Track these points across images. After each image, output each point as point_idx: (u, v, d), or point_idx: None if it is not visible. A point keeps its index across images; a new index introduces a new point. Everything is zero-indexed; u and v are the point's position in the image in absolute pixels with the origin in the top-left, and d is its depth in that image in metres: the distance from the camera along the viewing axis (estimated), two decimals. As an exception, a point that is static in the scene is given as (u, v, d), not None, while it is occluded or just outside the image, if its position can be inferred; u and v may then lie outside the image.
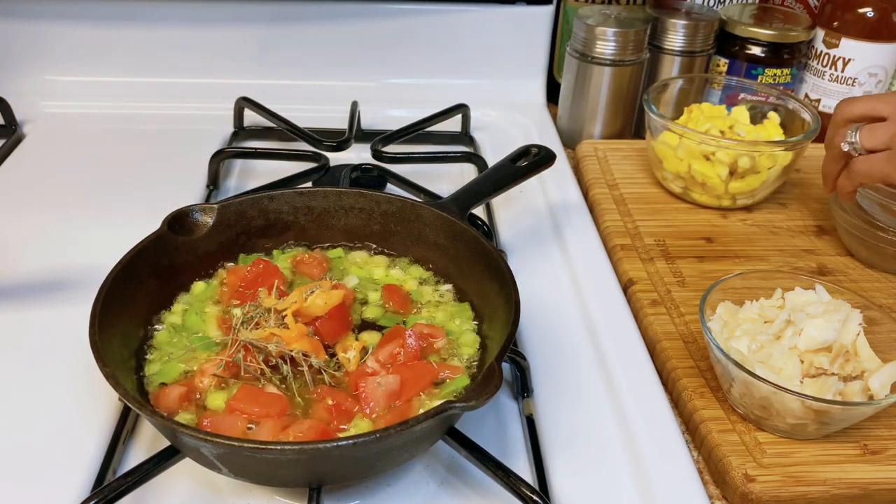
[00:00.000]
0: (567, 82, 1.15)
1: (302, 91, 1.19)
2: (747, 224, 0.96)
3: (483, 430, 0.66)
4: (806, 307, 0.69)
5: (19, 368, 0.70)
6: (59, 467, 0.61)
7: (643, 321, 0.79)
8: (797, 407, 0.62)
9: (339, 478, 0.59)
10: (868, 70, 1.11)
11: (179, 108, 1.16)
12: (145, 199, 0.92)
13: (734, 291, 0.73)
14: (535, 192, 0.99)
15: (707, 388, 0.70)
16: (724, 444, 0.65)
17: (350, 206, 0.79)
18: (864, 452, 0.65)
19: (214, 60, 1.19)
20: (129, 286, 0.66)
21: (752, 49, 1.13)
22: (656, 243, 0.91)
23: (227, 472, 0.55)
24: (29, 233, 0.88)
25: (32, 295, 0.79)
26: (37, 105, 1.14)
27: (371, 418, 0.60)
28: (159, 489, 0.60)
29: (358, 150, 1.06)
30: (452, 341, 0.68)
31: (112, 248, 0.68)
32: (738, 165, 0.93)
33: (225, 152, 1.00)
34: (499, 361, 0.57)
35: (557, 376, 0.72)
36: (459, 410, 0.53)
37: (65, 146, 1.07)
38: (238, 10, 1.17)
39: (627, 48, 1.08)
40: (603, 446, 0.65)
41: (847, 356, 0.65)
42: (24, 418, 0.65)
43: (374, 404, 0.60)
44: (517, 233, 0.92)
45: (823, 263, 0.89)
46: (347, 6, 1.17)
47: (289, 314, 0.65)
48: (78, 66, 1.18)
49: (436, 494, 0.61)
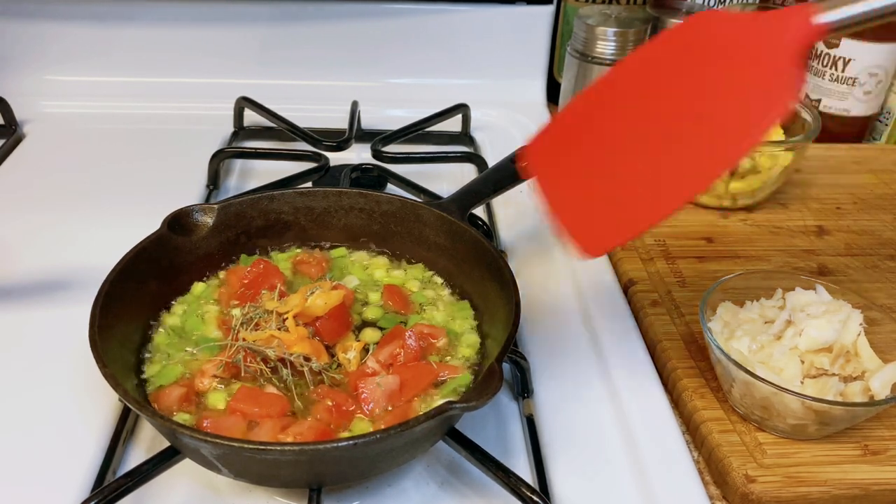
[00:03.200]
0: (567, 82, 1.15)
1: (302, 91, 1.19)
2: (748, 224, 0.96)
3: (483, 431, 0.66)
4: (806, 307, 0.69)
5: (19, 368, 0.70)
6: (59, 467, 0.61)
7: (643, 321, 0.79)
8: (798, 407, 0.61)
9: (340, 478, 0.59)
10: (868, 70, 1.11)
11: (179, 108, 1.16)
12: (145, 199, 0.92)
13: (735, 291, 0.73)
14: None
15: (707, 388, 0.70)
16: (724, 445, 0.65)
17: (350, 206, 0.79)
18: (865, 453, 0.65)
19: (214, 60, 1.19)
20: (129, 286, 0.66)
21: (753, 49, 1.12)
22: (657, 243, 0.90)
23: (227, 472, 0.55)
24: (29, 233, 0.88)
25: (32, 295, 0.79)
26: (37, 105, 1.14)
27: (371, 418, 0.60)
28: (159, 489, 0.60)
29: (358, 150, 1.06)
30: (453, 340, 0.68)
31: (112, 248, 0.68)
32: (739, 165, 0.93)
33: (225, 152, 1.00)
34: (499, 362, 0.57)
35: (558, 376, 0.72)
36: (460, 411, 0.53)
37: (65, 146, 1.07)
38: (238, 9, 1.17)
39: (627, 48, 1.08)
40: (603, 446, 0.65)
41: (848, 357, 0.65)
42: (24, 418, 0.65)
43: (373, 405, 0.60)
44: (517, 233, 0.92)
45: (824, 263, 0.89)
46: (347, 6, 1.17)
47: (290, 317, 0.65)
48: (78, 65, 1.18)
49: (436, 495, 0.61)
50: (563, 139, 0.64)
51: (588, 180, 0.60)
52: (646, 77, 0.59)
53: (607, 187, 0.59)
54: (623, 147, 0.59)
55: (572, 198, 0.61)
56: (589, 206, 0.60)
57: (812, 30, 0.52)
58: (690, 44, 0.57)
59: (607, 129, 0.60)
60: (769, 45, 0.52)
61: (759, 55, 0.53)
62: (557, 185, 0.62)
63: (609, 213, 0.58)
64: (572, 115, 0.64)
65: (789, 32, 0.52)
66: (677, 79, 0.57)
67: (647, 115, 0.58)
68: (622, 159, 0.59)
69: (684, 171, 0.55)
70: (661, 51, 0.59)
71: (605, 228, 0.58)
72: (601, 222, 0.58)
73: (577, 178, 0.61)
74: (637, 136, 0.58)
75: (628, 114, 0.59)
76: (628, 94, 0.60)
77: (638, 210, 0.56)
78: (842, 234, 0.94)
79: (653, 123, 0.58)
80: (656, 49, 0.60)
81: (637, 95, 0.59)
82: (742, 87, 0.53)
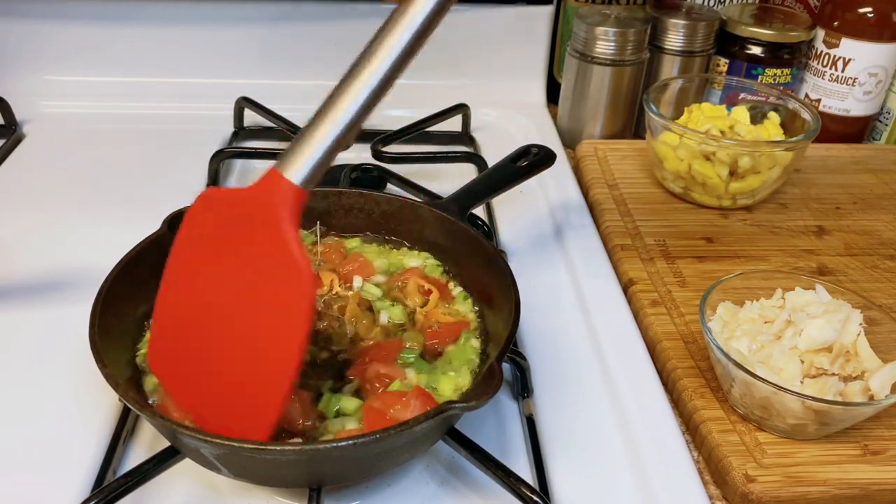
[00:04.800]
0: (567, 82, 1.15)
1: (302, 91, 1.19)
2: (747, 224, 0.96)
3: (483, 431, 0.66)
4: (806, 307, 0.69)
5: (19, 369, 0.70)
6: (59, 467, 0.60)
7: (643, 321, 0.79)
8: (797, 407, 0.61)
9: (339, 478, 0.59)
10: (868, 70, 1.11)
11: (179, 108, 1.16)
12: (145, 199, 0.92)
13: (734, 291, 0.73)
14: (535, 192, 0.99)
15: (707, 388, 0.70)
16: (724, 445, 0.65)
17: (350, 206, 0.79)
18: (865, 453, 0.65)
19: (214, 60, 1.19)
20: (129, 286, 0.66)
21: (753, 49, 1.12)
22: (656, 243, 0.90)
23: (227, 472, 0.55)
24: (29, 233, 0.88)
25: (32, 295, 0.79)
26: (37, 105, 1.14)
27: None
28: (159, 489, 0.60)
29: (358, 150, 1.06)
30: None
31: (112, 248, 0.68)
32: (739, 165, 0.93)
33: (225, 152, 1.00)
34: (499, 361, 0.57)
35: (557, 376, 0.72)
36: (459, 411, 0.53)
37: (65, 146, 1.07)
38: (238, 10, 1.17)
39: (627, 48, 1.08)
40: (603, 446, 0.65)
41: (847, 356, 0.65)
42: (24, 418, 0.65)
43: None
44: (517, 233, 0.92)
45: (824, 263, 0.89)
46: (347, 6, 1.17)
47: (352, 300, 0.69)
48: (78, 65, 1.18)
49: (436, 494, 0.61)
50: (169, 340, 0.60)
51: (203, 378, 0.57)
52: (197, 266, 0.57)
53: (221, 384, 0.56)
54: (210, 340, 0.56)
55: (202, 398, 0.57)
56: (222, 405, 0.56)
57: (295, 190, 0.52)
58: (215, 225, 0.56)
59: (192, 322, 0.58)
60: (270, 223, 0.52)
61: (265, 235, 0.52)
62: (185, 387, 0.58)
63: (239, 408, 0.55)
64: (164, 316, 0.60)
65: (279, 203, 0.52)
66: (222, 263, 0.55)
67: (213, 307, 0.56)
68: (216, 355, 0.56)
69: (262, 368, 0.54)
70: (193, 236, 0.57)
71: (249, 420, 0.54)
72: (241, 417, 0.55)
73: (195, 377, 0.57)
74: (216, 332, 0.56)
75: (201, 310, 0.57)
76: (192, 287, 0.57)
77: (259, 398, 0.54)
78: (841, 234, 0.94)
79: (219, 315, 0.56)
80: (190, 239, 0.58)
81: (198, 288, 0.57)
82: (270, 271, 0.53)
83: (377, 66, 0.53)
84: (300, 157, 0.53)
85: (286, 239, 0.52)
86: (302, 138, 0.53)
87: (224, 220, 0.55)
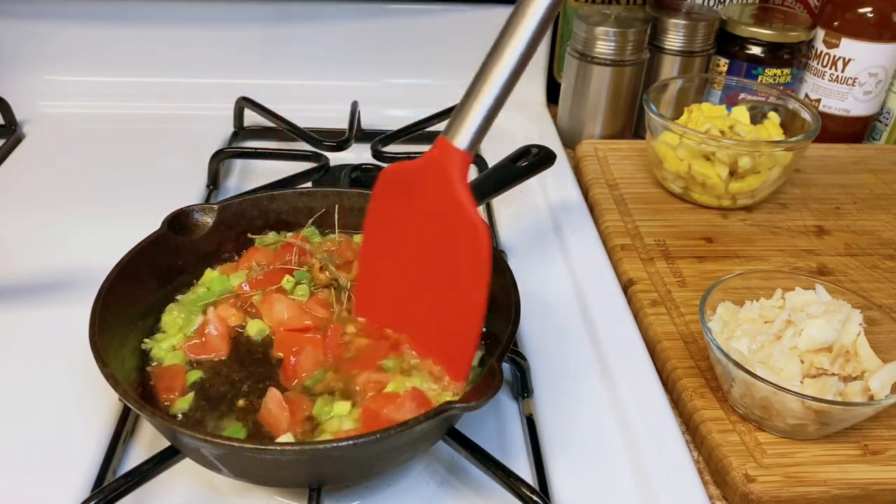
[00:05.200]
0: (567, 82, 1.15)
1: (302, 91, 1.19)
2: (747, 224, 0.96)
3: (483, 431, 0.66)
4: (806, 307, 0.69)
5: (19, 369, 0.70)
6: (59, 467, 0.61)
7: (643, 321, 0.79)
8: (797, 407, 0.61)
9: (340, 478, 0.59)
10: (868, 70, 1.11)
11: (179, 108, 1.16)
12: (145, 199, 0.92)
13: (734, 291, 0.73)
14: (535, 192, 0.99)
15: (707, 388, 0.70)
16: (724, 445, 0.65)
17: (350, 206, 0.79)
18: (865, 453, 0.65)
19: (214, 60, 1.19)
20: (129, 286, 0.66)
21: (752, 49, 1.12)
22: (656, 243, 0.91)
23: (227, 472, 0.55)
24: (29, 233, 0.88)
25: (32, 295, 0.79)
26: (37, 105, 1.14)
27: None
28: (159, 489, 0.60)
29: (358, 150, 1.06)
30: None
31: (112, 248, 0.68)
32: (739, 165, 0.93)
33: (225, 152, 1.00)
34: (499, 361, 0.57)
35: (557, 376, 0.72)
36: (459, 411, 0.53)
37: (65, 146, 1.07)
38: (238, 9, 1.17)
39: (627, 48, 1.08)
40: (603, 446, 0.65)
41: (847, 356, 0.65)
42: (24, 418, 0.65)
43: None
44: (517, 233, 0.92)
45: (823, 263, 0.89)
46: (347, 6, 1.17)
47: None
48: (77, 65, 1.18)
49: (436, 494, 0.61)
50: (372, 287, 0.69)
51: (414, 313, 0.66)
52: (391, 232, 0.66)
53: (427, 317, 0.64)
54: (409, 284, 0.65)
55: (421, 330, 0.66)
56: (431, 333, 0.64)
57: (462, 156, 0.59)
58: (398, 196, 0.64)
59: (391, 273, 0.66)
60: (445, 186, 0.59)
61: (443, 198, 0.60)
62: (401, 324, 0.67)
63: (445, 336, 0.63)
64: (367, 275, 0.69)
65: (451, 167, 0.59)
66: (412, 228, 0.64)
67: (408, 262, 0.65)
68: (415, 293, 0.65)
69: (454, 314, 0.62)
70: (385, 208, 0.66)
71: (454, 349, 0.62)
72: (451, 346, 0.63)
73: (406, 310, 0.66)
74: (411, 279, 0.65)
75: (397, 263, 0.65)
76: (388, 250, 0.66)
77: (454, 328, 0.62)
78: (841, 234, 0.94)
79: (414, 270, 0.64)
80: (380, 208, 0.66)
81: (393, 250, 0.66)
82: (452, 231, 0.60)
83: (515, 47, 0.60)
84: (463, 126, 0.59)
85: (461, 200, 0.59)
86: (462, 110, 0.59)
87: (405, 188, 0.63)
